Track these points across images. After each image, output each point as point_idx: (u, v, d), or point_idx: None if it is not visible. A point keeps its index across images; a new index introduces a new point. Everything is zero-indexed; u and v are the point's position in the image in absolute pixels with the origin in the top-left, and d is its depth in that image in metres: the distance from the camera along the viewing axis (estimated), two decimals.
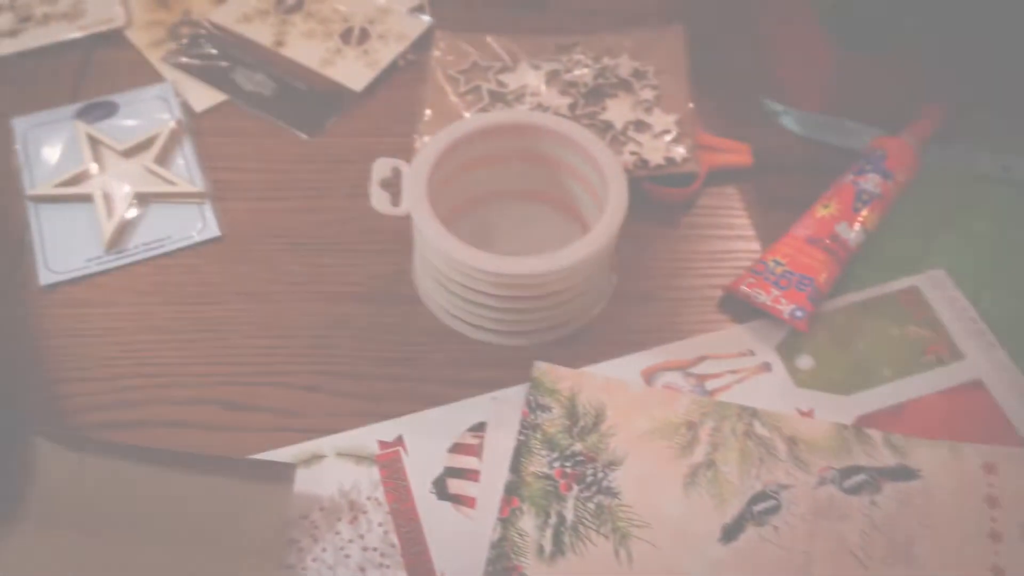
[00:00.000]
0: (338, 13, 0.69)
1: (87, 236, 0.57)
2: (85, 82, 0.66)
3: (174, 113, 0.63)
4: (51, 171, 0.61)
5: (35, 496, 0.47)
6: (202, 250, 0.57)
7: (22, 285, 0.56)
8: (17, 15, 0.69)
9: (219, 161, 0.61)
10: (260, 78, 0.65)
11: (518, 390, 0.52)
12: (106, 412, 0.51)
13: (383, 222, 0.56)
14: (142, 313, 0.55)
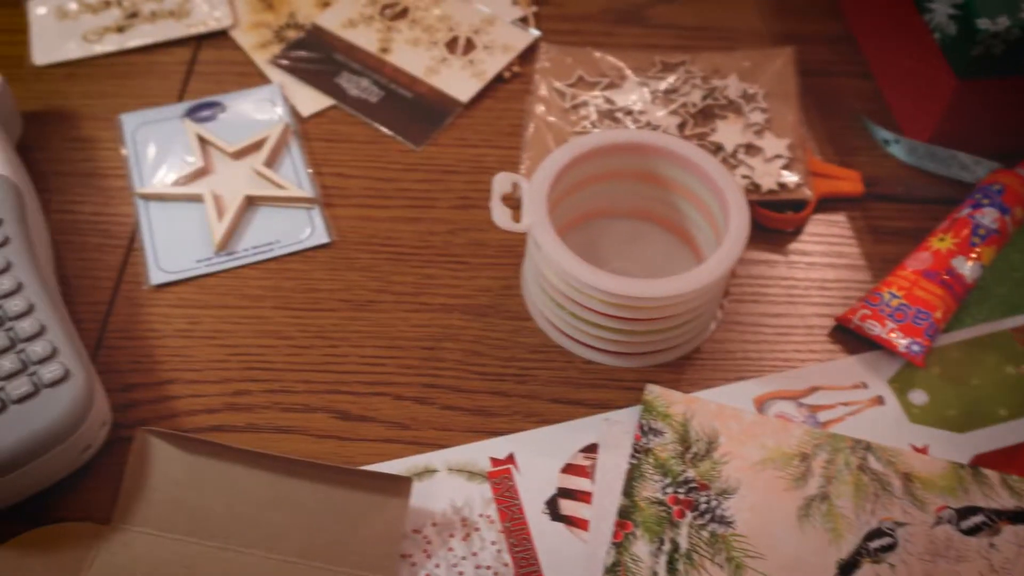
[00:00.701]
0: (443, 22, 0.69)
1: (197, 237, 0.57)
2: (191, 81, 0.66)
3: (281, 116, 0.63)
4: (160, 169, 0.61)
5: (150, 499, 0.47)
6: (310, 256, 0.57)
7: (134, 283, 0.56)
8: (124, 11, 0.69)
9: (325, 167, 0.61)
10: (366, 84, 0.65)
11: (629, 412, 0.52)
12: (217, 415, 0.51)
13: (489, 235, 0.56)
14: (252, 317, 0.54)
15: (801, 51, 0.67)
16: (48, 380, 0.46)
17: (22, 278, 0.49)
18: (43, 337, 0.47)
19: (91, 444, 0.48)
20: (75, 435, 0.46)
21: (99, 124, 0.63)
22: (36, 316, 0.48)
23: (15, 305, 0.48)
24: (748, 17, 0.71)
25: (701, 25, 0.71)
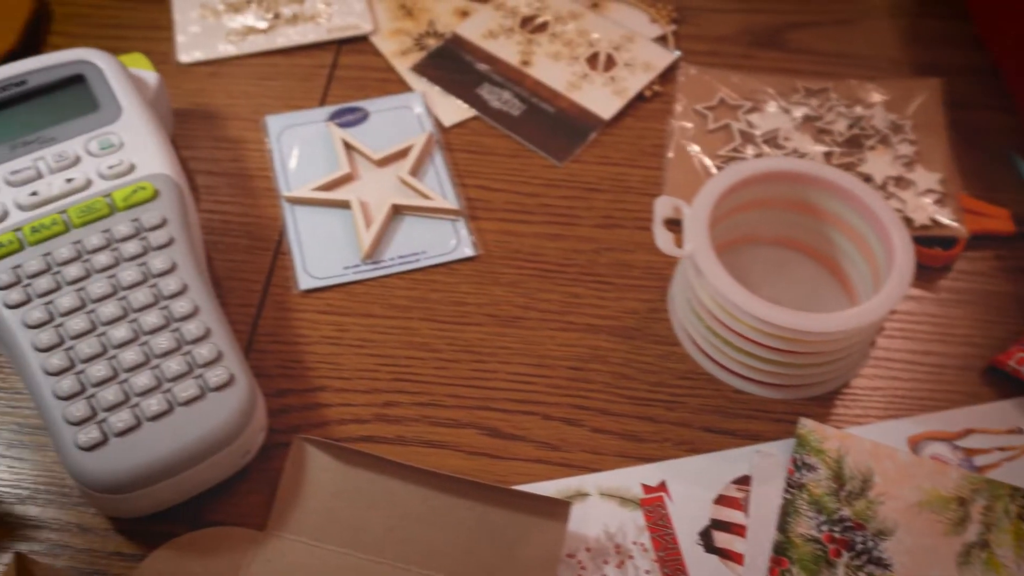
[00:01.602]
0: (583, 36, 0.68)
1: (343, 243, 0.57)
2: (333, 86, 0.66)
3: (424, 125, 0.63)
4: (305, 173, 0.61)
5: (305, 507, 0.47)
6: (456, 268, 0.57)
7: (282, 287, 0.56)
8: (266, 13, 0.70)
9: (469, 178, 0.61)
10: (507, 97, 0.65)
11: (781, 445, 0.51)
12: (367, 425, 0.51)
13: (634, 256, 0.55)
14: (400, 327, 0.54)
15: (943, 83, 0.66)
16: (214, 384, 0.46)
17: (187, 279, 0.49)
18: (208, 340, 0.47)
19: (249, 450, 0.48)
20: (238, 441, 0.46)
21: (244, 124, 0.64)
22: (201, 319, 0.48)
23: (181, 307, 0.48)
24: (887, 46, 0.70)
25: (840, 52, 0.70)
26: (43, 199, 0.50)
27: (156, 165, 0.52)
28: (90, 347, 0.46)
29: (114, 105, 0.54)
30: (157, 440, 0.45)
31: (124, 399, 0.45)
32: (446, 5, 0.71)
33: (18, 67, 0.55)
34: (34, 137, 0.52)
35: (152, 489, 0.45)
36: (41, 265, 0.48)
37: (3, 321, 0.47)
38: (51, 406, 0.45)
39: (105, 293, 0.48)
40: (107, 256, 0.49)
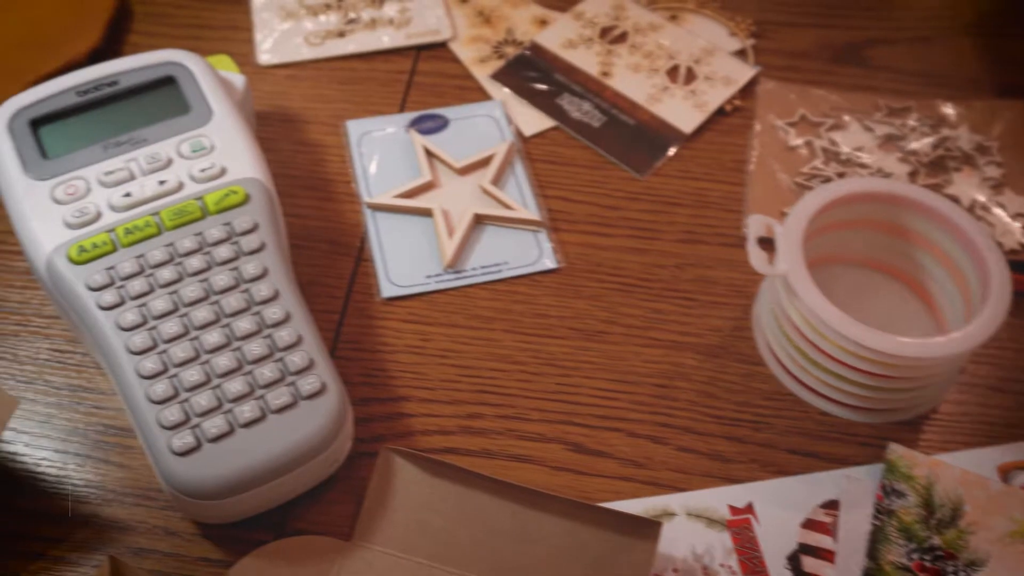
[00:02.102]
0: (663, 49, 0.68)
1: (425, 251, 0.57)
2: (411, 92, 0.66)
3: (504, 134, 0.63)
4: (386, 180, 0.61)
5: (392, 519, 0.47)
6: (538, 280, 0.57)
7: (364, 294, 0.56)
8: (345, 16, 0.70)
9: (550, 189, 0.61)
10: (587, 108, 0.65)
11: (870, 470, 0.50)
12: (451, 437, 0.51)
13: (717, 272, 0.55)
14: (483, 339, 0.54)
15: None
16: (306, 392, 0.46)
17: (278, 285, 0.49)
18: (300, 348, 0.47)
19: (337, 459, 0.48)
20: (328, 450, 0.46)
21: (323, 128, 0.64)
22: (293, 325, 0.48)
23: (273, 313, 0.48)
24: (968, 65, 0.70)
25: (920, 70, 0.69)
26: (136, 200, 0.50)
27: (247, 169, 0.52)
28: (184, 351, 0.46)
29: (205, 108, 0.54)
30: (250, 447, 0.45)
31: (217, 405, 0.45)
32: (524, 13, 0.71)
33: (110, 67, 0.55)
34: (126, 138, 0.52)
35: (243, 496, 0.45)
36: (135, 267, 0.48)
37: (96, 322, 0.47)
38: (144, 409, 0.45)
39: (198, 297, 0.48)
40: (199, 260, 0.49)
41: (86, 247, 0.48)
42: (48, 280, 0.48)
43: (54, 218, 0.49)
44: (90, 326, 0.47)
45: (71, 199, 0.50)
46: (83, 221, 0.49)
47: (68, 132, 0.53)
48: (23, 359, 0.52)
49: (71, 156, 0.51)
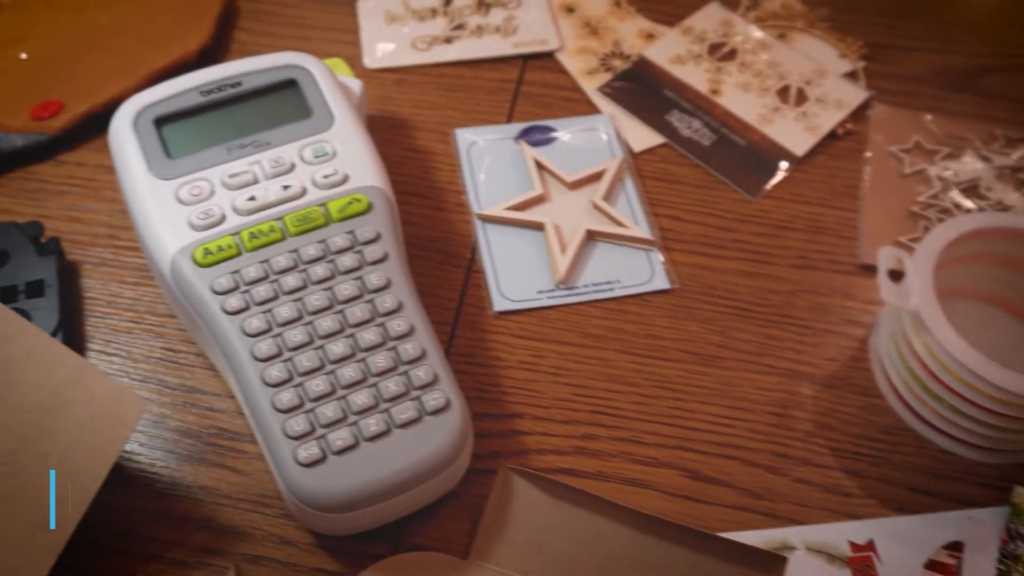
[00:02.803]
0: (773, 68, 0.67)
1: (536, 266, 0.57)
2: (519, 102, 0.65)
3: (614, 149, 0.62)
4: (495, 190, 0.60)
5: (510, 539, 0.46)
6: (650, 300, 0.56)
7: (476, 307, 0.55)
8: (451, 22, 0.69)
9: (660, 207, 0.60)
10: (697, 125, 0.64)
11: (994, 513, 0.49)
12: (566, 458, 0.50)
13: (831, 300, 0.55)
14: (595, 358, 0.53)
15: None
16: (431, 408, 0.46)
17: (402, 297, 0.48)
18: (424, 362, 0.47)
19: (457, 476, 0.47)
20: (451, 467, 0.46)
21: (432, 136, 0.63)
22: (417, 339, 0.47)
23: (397, 326, 0.48)
24: None
25: None
26: (260, 205, 0.50)
27: (368, 177, 0.52)
28: (309, 360, 0.46)
29: (326, 112, 0.53)
30: (375, 462, 0.44)
31: (343, 416, 0.45)
32: (631, 26, 0.70)
33: (233, 68, 0.54)
34: (250, 140, 0.52)
35: (365, 510, 0.44)
36: (260, 272, 0.48)
37: (220, 326, 0.47)
38: (269, 418, 0.45)
39: (323, 306, 0.48)
40: (323, 268, 0.48)
41: (211, 250, 0.48)
42: (171, 281, 0.48)
43: (179, 219, 0.49)
44: (213, 330, 0.47)
45: (196, 200, 0.50)
46: (208, 223, 0.49)
47: (192, 132, 0.52)
48: (137, 357, 0.52)
49: (195, 156, 0.51)
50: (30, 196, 0.59)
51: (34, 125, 0.61)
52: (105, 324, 0.54)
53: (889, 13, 0.72)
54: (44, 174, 0.60)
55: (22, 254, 0.54)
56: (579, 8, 0.70)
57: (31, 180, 0.60)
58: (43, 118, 0.61)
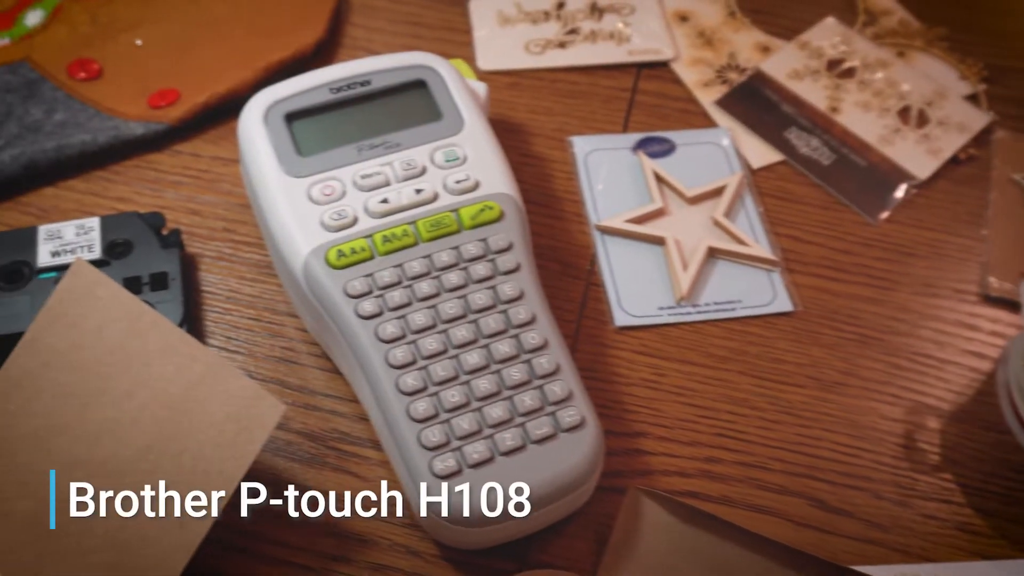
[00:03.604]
0: (893, 88, 0.66)
1: (656, 281, 0.56)
2: (633, 111, 0.64)
3: (732, 165, 0.61)
4: (612, 201, 0.59)
5: (639, 561, 0.46)
6: (773, 322, 0.55)
7: (596, 320, 0.54)
8: (564, 26, 0.68)
9: (780, 227, 0.59)
10: (816, 143, 0.63)
11: None
12: (691, 480, 0.49)
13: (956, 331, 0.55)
14: (718, 379, 0.52)
15: None
16: (566, 425, 0.45)
17: (535, 309, 0.48)
18: (558, 377, 0.46)
19: (587, 494, 0.46)
20: (585, 486, 0.45)
21: (548, 143, 0.62)
22: (551, 353, 0.47)
23: (531, 339, 0.47)
24: None
25: None
26: (393, 208, 0.49)
27: (499, 184, 0.51)
28: (444, 370, 0.45)
29: (456, 116, 0.53)
30: (510, 477, 0.43)
31: (478, 429, 0.44)
32: (746, 38, 0.69)
33: (363, 65, 0.54)
34: (380, 141, 0.51)
35: (499, 526, 0.44)
36: (394, 277, 0.47)
37: (352, 331, 0.46)
38: (403, 426, 0.44)
39: (457, 314, 0.47)
40: (457, 275, 0.48)
41: (345, 252, 0.47)
42: (303, 281, 0.47)
43: (311, 218, 0.49)
44: (345, 333, 0.47)
45: (328, 200, 0.49)
46: (341, 224, 0.48)
47: (322, 130, 0.52)
48: (258, 355, 0.52)
49: (326, 155, 0.51)
50: (147, 185, 0.59)
51: (151, 113, 0.61)
52: (225, 320, 0.53)
53: (1009, 35, 0.70)
54: (160, 164, 0.60)
55: (145, 245, 0.53)
56: (693, 17, 0.69)
57: (148, 169, 0.60)
58: (160, 107, 0.61)
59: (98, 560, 0.43)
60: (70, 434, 0.45)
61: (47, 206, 0.58)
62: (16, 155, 0.58)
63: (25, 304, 0.51)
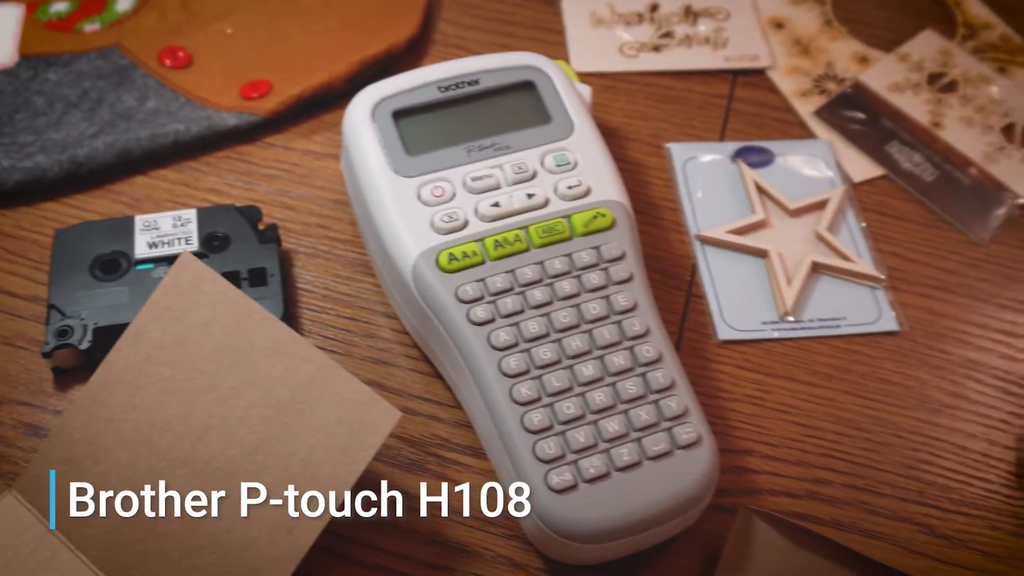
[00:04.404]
0: (996, 104, 0.64)
1: (758, 294, 0.55)
2: (730, 119, 0.63)
3: (834, 178, 0.60)
4: (711, 211, 0.58)
5: None
6: (878, 342, 0.54)
7: (698, 332, 0.53)
8: (658, 29, 0.67)
9: (882, 243, 0.58)
10: (918, 159, 0.61)
11: None
12: (799, 501, 0.48)
13: None
14: (823, 398, 0.51)
15: None
16: (683, 442, 0.44)
17: (649, 322, 0.47)
18: (673, 392, 0.45)
19: (699, 513, 0.45)
20: (699, 506, 0.44)
21: (644, 148, 0.61)
22: (665, 367, 0.45)
23: (646, 352, 0.46)
24: None
25: None
26: (504, 212, 0.48)
27: (610, 191, 0.50)
28: (559, 380, 0.44)
29: (566, 119, 0.51)
30: (627, 494, 0.43)
31: (594, 443, 0.43)
32: (843, 48, 0.67)
33: (470, 64, 0.53)
34: (489, 142, 0.50)
35: (612, 543, 0.42)
36: (506, 283, 0.46)
37: (463, 336, 0.45)
38: (516, 437, 0.43)
39: (570, 324, 0.46)
40: (570, 284, 0.47)
41: (456, 255, 0.46)
42: (412, 284, 0.46)
43: (421, 220, 0.48)
44: (455, 339, 0.46)
45: (438, 202, 0.48)
46: (452, 227, 0.47)
47: (430, 129, 0.51)
48: (356, 356, 0.51)
49: (434, 155, 0.50)
50: (239, 178, 0.58)
51: (243, 104, 0.60)
52: (321, 319, 0.52)
53: None
54: (252, 156, 0.59)
55: (242, 239, 0.52)
56: (788, 24, 0.68)
57: (239, 161, 0.59)
58: (252, 98, 0.60)
59: (201, 562, 0.42)
60: (174, 431, 0.44)
61: (139, 195, 0.57)
62: (110, 143, 0.57)
63: (123, 295, 0.50)
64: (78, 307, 0.49)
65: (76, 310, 0.49)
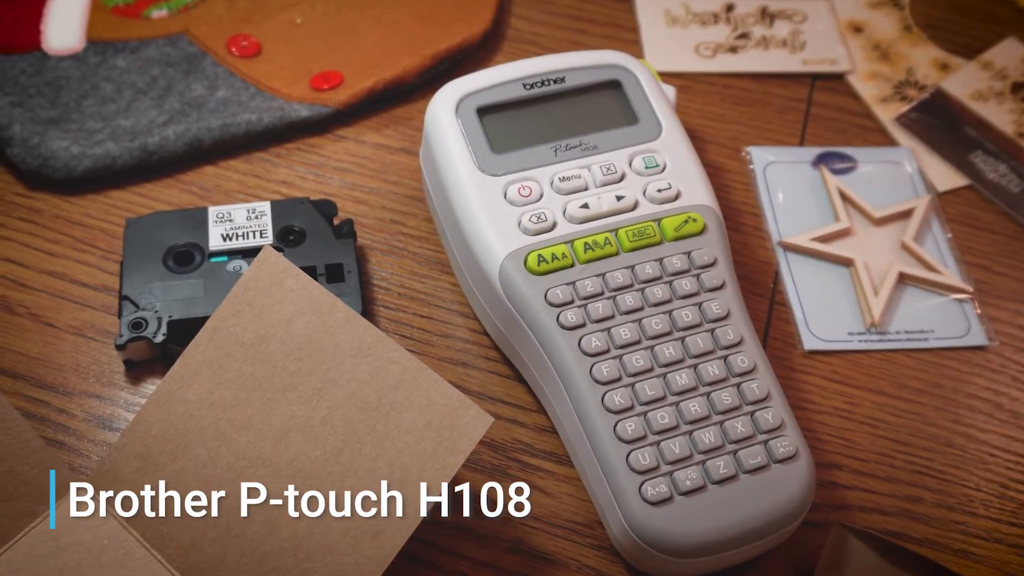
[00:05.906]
0: None
1: (843, 304, 0.53)
2: (809, 124, 0.61)
3: (917, 187, 0.58)
4: (794, 218, 0.56)
5: None
6: (967, 356, 0.52)
7: (782, 341, 0.52)
8: (734, 30, 0.65)
9: (968, 255, 0.56)
10: (1004, 170, 0.60)
11: None
12: (891, 519, 0.46)
13: None
14: (912, 412, 0.50)
15: None
16: (779, 456, 0.42)
17: (742, 331, 0.45)
18: (769, 404, 0.44)
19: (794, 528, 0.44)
20: (795, 523, 0.42)
21: (722, 151, 0.60)
22: (760, 378, 0.44)
23: (741, 362, 0.44)
24: None
25: None
26: (593, 214, 0.47)
27: (701, 196, 0.48)
28: (652, 389, 0.43)
29: (653, 120, 0.50)
30: (723, 507, 0.41)
31: (689, 455, 0.42)
32: (924, 54, 0.66)
33: (556, 62, 0.52)
34: (576, 142, 0.49)
35: (707, 558, 0.41)
36: (596, 287, 0.45)
37: (552, 341, 0.44)
38: (608, 446, 0.42)
39: (662, 331, 0.44)
40: (661, 289, 0.45)
41: (545, 257, 0.45)
42: (499, 286, 0.45)
43: (509, 220, 0.46)
44: (544, 343, 0.44)
45: (525, 202, 0.47)
46: (541, 228, 0.46)
47: (515, 127, 0.50)
48: (433, 356, 0.50)
49: (520, 153, 0.48)
50: (311, 170, 0.56)
51: (314, 96, 0.58)
52: (398, 318, 0.51)
53: None
54: (322, 148, 0.58)
55: (318, 233, 0.51)
56: (867, 29, 0.66)
57: (310, 153, 0.57)
58: (323, 89, 0.59)
59: (280, 564, 0.41)
60: (254, 429, 0.43)
61: (209, 186, 0.56)
62: (180, 132, 0.56)
63: (198, 288, 0.49)
64: (152, 299, 0.48)
65: (150, 302, 0.48)
